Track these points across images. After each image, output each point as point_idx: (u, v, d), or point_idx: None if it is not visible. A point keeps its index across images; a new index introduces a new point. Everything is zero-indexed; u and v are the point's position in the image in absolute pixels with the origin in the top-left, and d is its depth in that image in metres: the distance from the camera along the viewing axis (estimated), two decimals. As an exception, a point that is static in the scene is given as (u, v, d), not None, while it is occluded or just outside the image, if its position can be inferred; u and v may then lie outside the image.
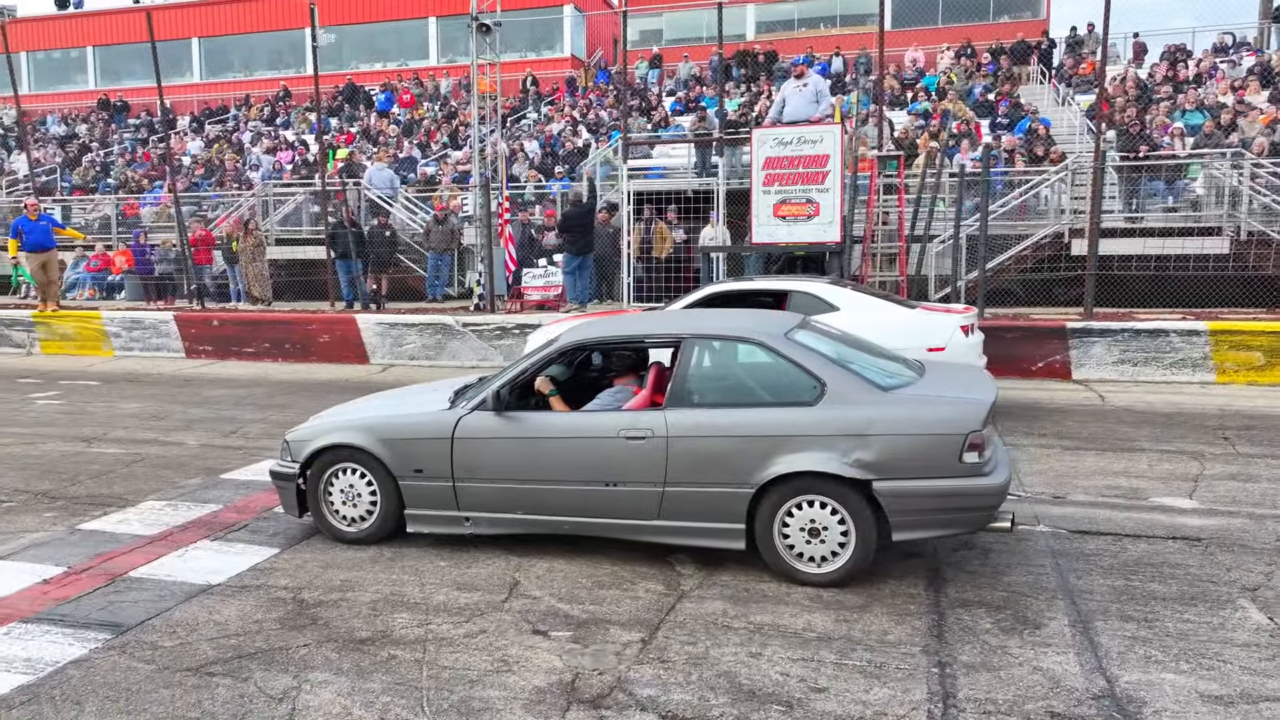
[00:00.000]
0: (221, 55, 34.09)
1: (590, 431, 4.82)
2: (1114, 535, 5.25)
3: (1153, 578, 4.62)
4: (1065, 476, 6.47)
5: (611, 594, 4.55)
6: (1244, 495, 5.96)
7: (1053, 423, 8.18)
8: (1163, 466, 6.68)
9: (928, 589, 4.54)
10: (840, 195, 10.92)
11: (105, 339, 13.95)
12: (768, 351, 4.71)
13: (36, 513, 6.01)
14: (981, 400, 4.46)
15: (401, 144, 22.99)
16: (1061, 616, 4.20)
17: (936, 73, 23.47)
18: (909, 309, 8.32)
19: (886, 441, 4.42)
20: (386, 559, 5.06)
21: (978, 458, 4.36)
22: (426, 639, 4.06)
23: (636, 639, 4.04)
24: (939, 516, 4.44)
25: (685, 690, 3.58)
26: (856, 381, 4.58)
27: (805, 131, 11.07)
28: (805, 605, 4.37)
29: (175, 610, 4.39)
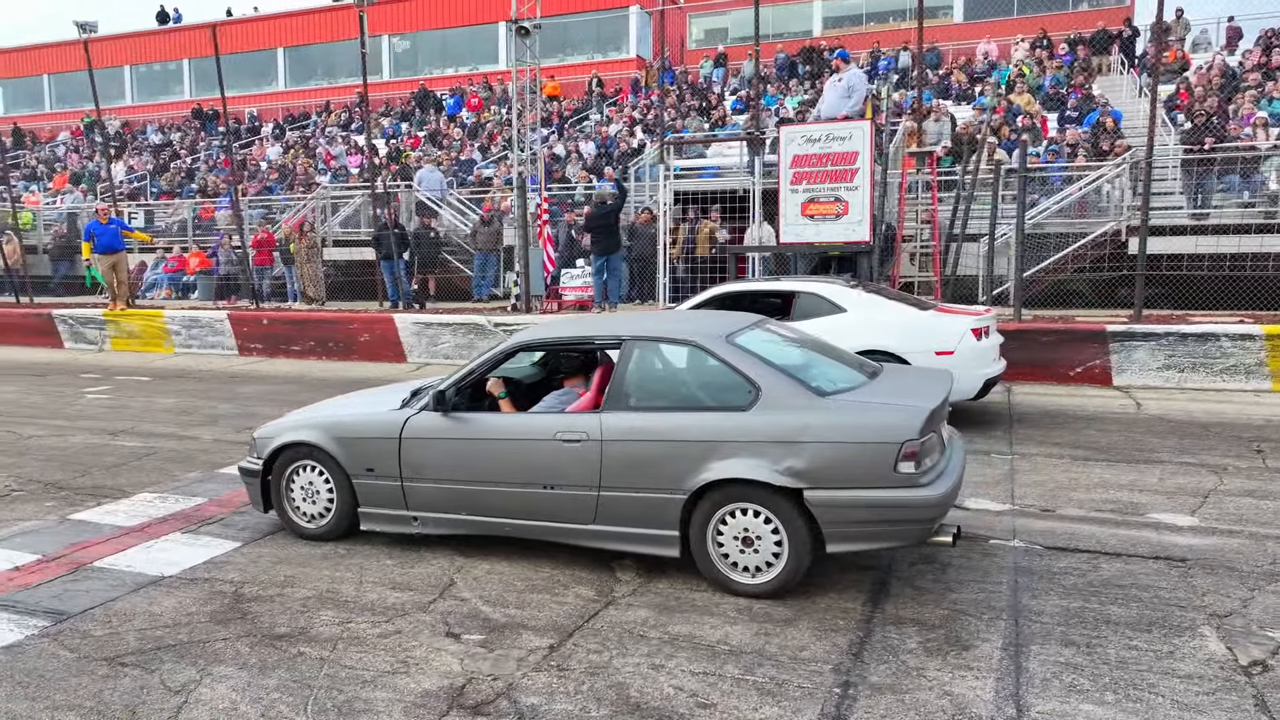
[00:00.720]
0: (305, 64, 35.35)
1: (529, 434, 4.78)
2: (1092, 553, 4.93)
3: (1115, 600, 4.31)
4: (1063, 489, 6.11)
5: (540, 598, 4.50)
6: (1254, 513, 5.51)
7: (1073, 431, 7.75)
8: (1175, 480, 6.24)
9: (866, 604, 4.34)
10: (870, 193, 10.61)
11: (167, 336, 14.62)
12: (706, 354, 4.58)
13: (39, 502, 6.33)
14: (919, 408, 4.23)
15: (466, 146, 23.43)
16: (997, 638, 3.95)
17: (1008, 65, 22.61)
18: (921, 310, 8.00)
19: (818, 449, 4.24)
20: (338, 556, 5.13)
21: (914, 468, 4.14)
22: (340, 637, 4.09)
23: (545, 645, 3.99)
24: (873, 528, 4.24)
25: (570, 700, 3.51)
26: (792, 386, 4.41)
27: (834, 128, 10.80)
28: (731, 616, 4.23)
29: (119, 601, 4.54)
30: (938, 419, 4.41)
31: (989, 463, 6.82)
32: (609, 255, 12.61)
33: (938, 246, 11.36)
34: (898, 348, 7.65)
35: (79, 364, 13.74)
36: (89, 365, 13.58)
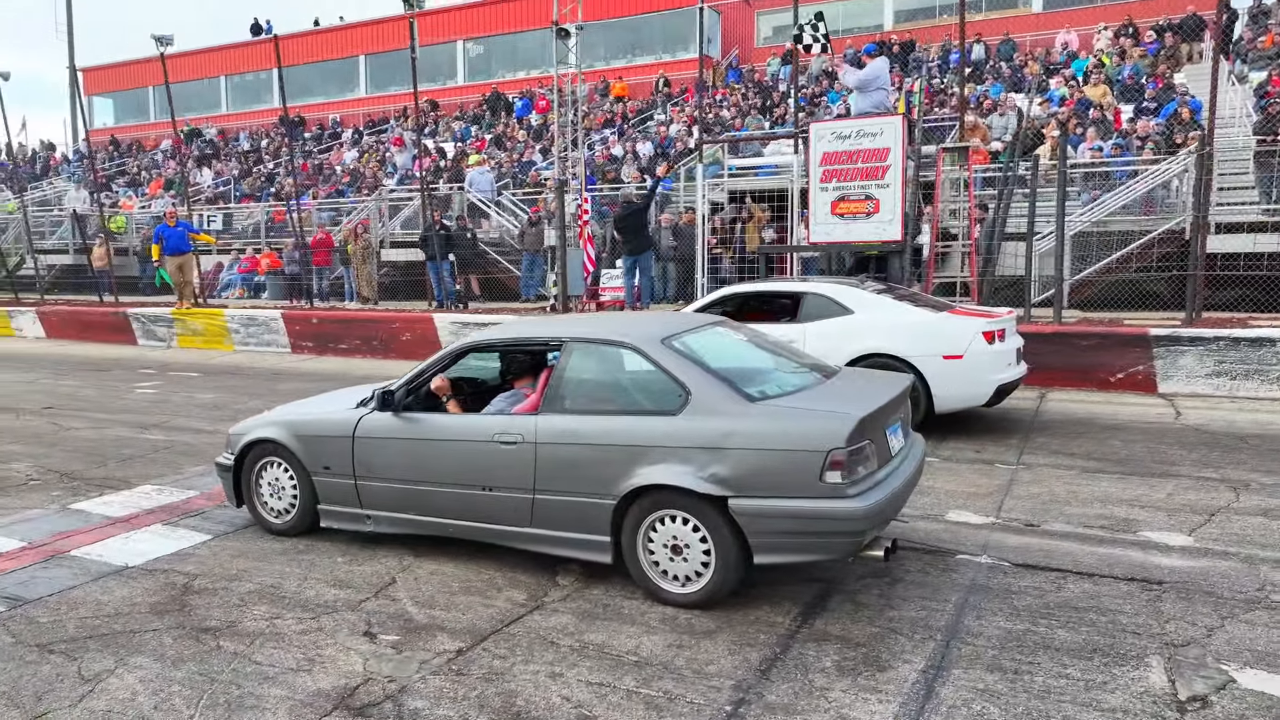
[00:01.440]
0: (385, 69, 36.35)
1: (469, 435, 4.76)
2: (1062, 572, 4.62)
3: (1067, 623, 4.03)
4: (1058, 502, 5.76)
5: (469, 600, 4.48)
6: (1259, 534, 5.08)
7: (1095, 441, 7.31)
8: (1185, 496, 5.81)
9: (797, 618, 4.17)
10: (902, 191, 10.26)
11: (227, 334, 15.24)
12: (641, 357, 4.47)
13: (48, 491, 6.65)
14: (848, 415, 4.02)
15: (529, 148, 23.71)
16: (920, 660, 3.73)
17: (1088, 55, 21.58)
18: (932, 312, 7.67)
19: (744, 456, 4.09)
20: (296, 551, 5.22)
21: (840, 478, 3.95)
22: (263, 633, 4.15)
23: (454, 649, 3.96)
24: (800, 540, 4.06)
25: (453, 706, 3.46)
26: (722, 390, 4.27)
27: (864, 124, 10.48)
28: (652, 626, 4.12)
29: (77, 589, 4.72)
30: (875, 427, 4.19)
31: (989, 472, 6.48)
32: (639, 255, 12.54)
33: (974, 245, 10.87)
34: (903, 351, 7.38)
35: (143, 360, 14.45)
36: (151, 361, 14.27)
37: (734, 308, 8.42)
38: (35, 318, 17.99)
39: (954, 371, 7.29)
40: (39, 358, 15.08)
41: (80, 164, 36.26)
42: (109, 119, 44.28)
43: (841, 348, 7.58)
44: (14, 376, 12.83)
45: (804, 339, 7.72)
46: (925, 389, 7.33)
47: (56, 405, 10.30)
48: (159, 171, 32.64)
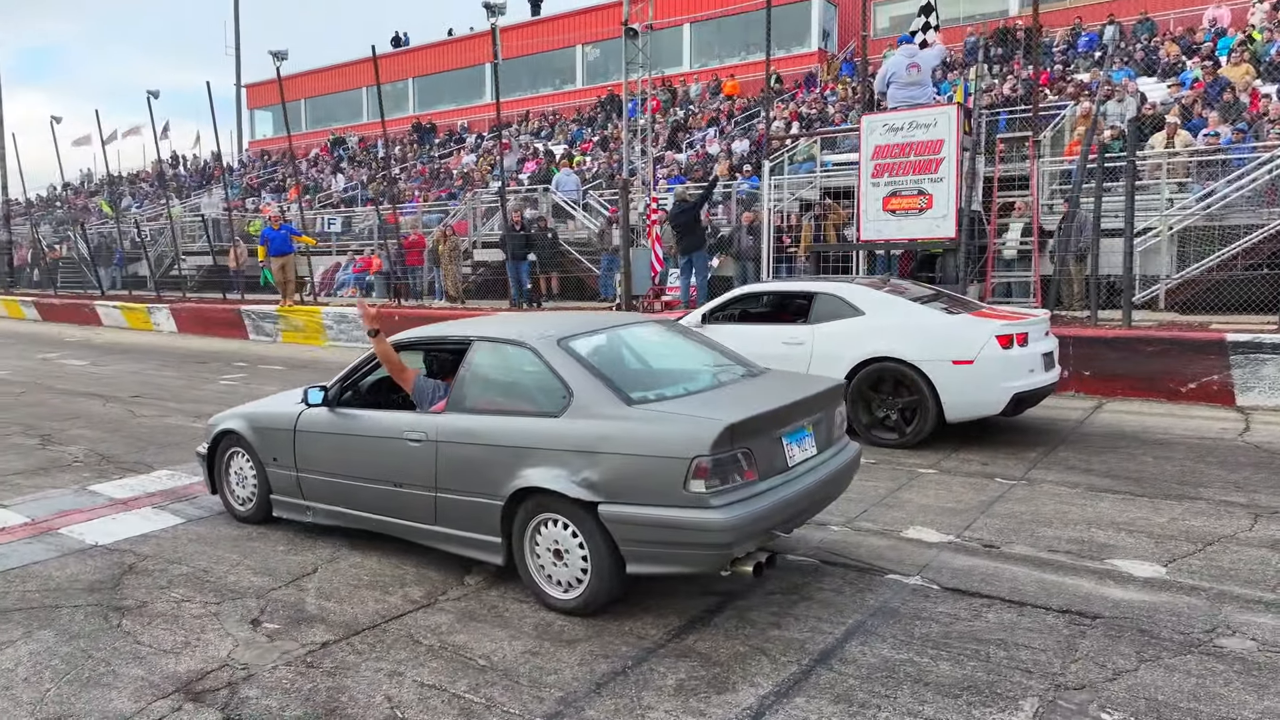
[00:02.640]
0: (510, 76, 37.46)
1: (383, 432, 4.82)
2: (991, 599, 4.21)
3: (958, 656, 3.66)
4: (1036, 523, 5.25)
5: (368, 595, 4.53)
6: (1247, 568, 4.46)
7: (1126, 457, 6.62)
8: (1189, 521, 5.18)
9: (674, 631, 3.98)
10: (956, 185, 9.66)
11: (324, 331, 16.12)
12: (535, 356, 4.40)
13: (81, 473, 7.22)
14: (716, 421, 3.79)
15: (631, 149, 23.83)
16: (768, 685, 3.49)
17: (1238, 32, 19.61)
18: (949, 315, 7.15)
19: (613, 460, 3.95)
20: (247, 538, 5.45)
21: (704, 487, 3.74)
22: (165, 614, 4.34)
23: (320, 641, 4.01)
24: (665, 550, 3.88)
25: (281, 697, 3.51)
26: (602, 393, 4.13)
27: (917, 115, 9.93)
28: (523, 632, 4.04)
29: (39, 564, 5.08)
30: (758, 433, 3.94)
31: (981, 487, 6.00)
32: (693, 254, 12.34)
33: (1036, 242, 10.05)
34: (909, 355, 6.94)
35: (244, 353, 15.48)
36: (251, 355, 15.27)
37: (748, 309, 8.18)
38: (169, 314, 19.63)
39: (964, 378, 6.78)
40: (158, 350, 16.46)
41: (238, 174, 39.36)
42: (268, 130, 47.75)
43: (848, 350, 7.22)
44: (127, 366, 14.04)
45: (812, 340, 7.41)
46: (934, 396, 6.86)
47: (144, 394, 11.20)
48: (300, 178, 34.92)
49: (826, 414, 4.50)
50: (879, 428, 7.20)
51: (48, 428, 9.08)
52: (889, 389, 7.12)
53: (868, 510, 5.60)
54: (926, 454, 6.89)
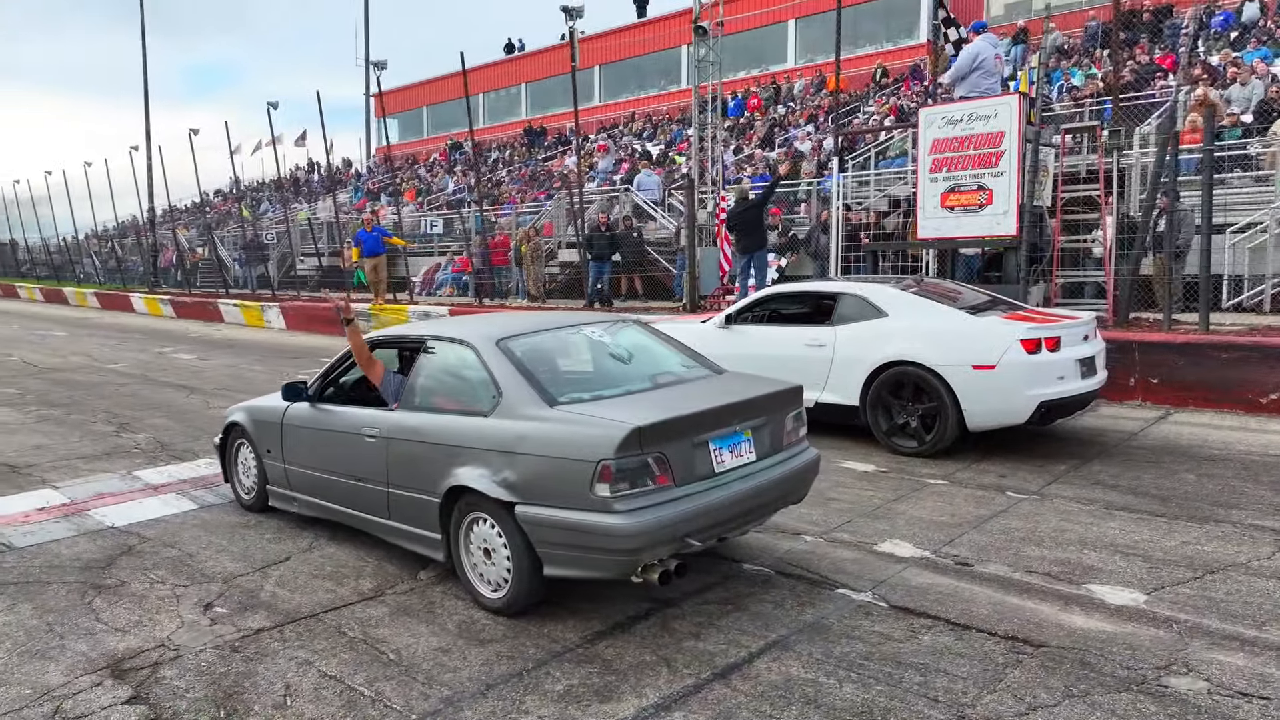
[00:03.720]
0: (618, 78, 37.89)
1: (348, 427, 4.95)
2: (936, 620, 3.96)
3: (867, 680, 3.46)
4: (1027, 541, 4.89)
5: (323, 585, 4.67)
6: (1242, 601, 4.01)
7: (1163, 473, 6.08)
8: (1201, 546, 4.70)
9: (591, 636, 3.93)
10: (1018, 179, 9.11)
11: (409, 329, 16.72)
12: (475, 356, 4.42)
13: (134, 458, 7.75)
14: (622, 425, 3.69)
15: (725, 148, 23.64)
16: (654, 697, 3.39)
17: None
18: (974, 317, 6.74)
19: (530, 461, 3.92)
20: (244, 525, 5.71)
21: (608, 491, 3.67)
22: (134, 594, 4.60)
23: (256, 627, 4.16)
24: (575, 554, 3.82)
25: (193, 679, 3.65)
26: (528, 393, 4.10)
27: (977, 106, 9.42)
28: (445, 629, 4.08)
29: (55, 542, 5.48)
30: (676, 437, 3.83)
31: (985, 501, 5.63)
32: (753, 252, 12.10)
33: (1106, 240, 9.32)
34: (928, 358, 6.59)
35: (334, 349, 16.18)
36: (340, 350, 15.97)
37: (775, 310, 7.96)
38: (279, 312, 20.82)
39: (985, 384, 6.38)
40: (261, 345, 17.48)
41: (365, 179, 41.36)
42: (394, 137, 49.94)
43: (869, 353, 6.92)
44: (226, 360, 14.98)
45: (834, 343, 7.15)
46: (954, 403, 6.49)
47: (227, 386, 11.91)
48: (417, 182, 36.36)
49: (773, 419, 4.33)
50: (899, 434, 6.87)
51: (128, 416, 9.79)
52: (909, 394, 6.79)
53: (852, 521, 5.36)
54: (944, 464, 6.53)
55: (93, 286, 33.79)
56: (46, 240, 40.85)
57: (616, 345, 4.75)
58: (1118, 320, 9.18)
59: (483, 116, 43.75)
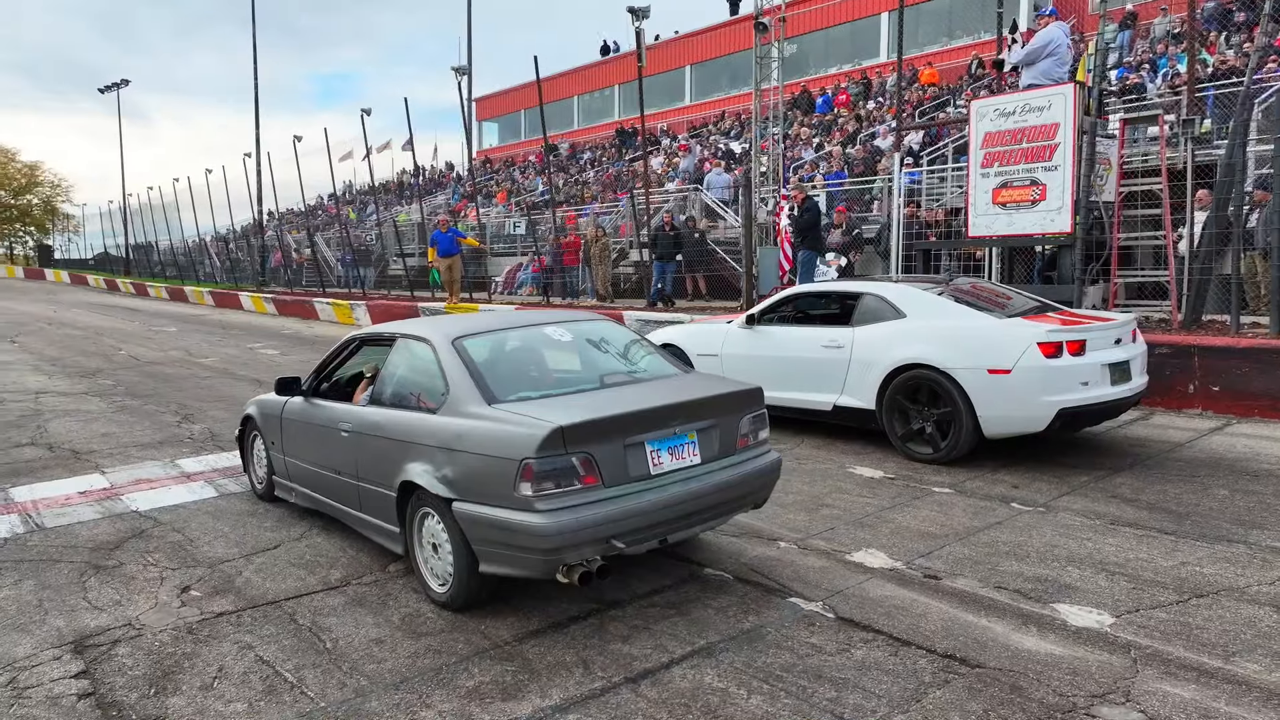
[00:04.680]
0: (709, 77, 37.73)
1: (329, 422, 5.10)
2: (877, 634, 3.80)
3: (777, 692, 3.35)
4: (1007, 555, 4.63)
5: (297, 572, 4.83)
6: (1218, 629, 3.69)
7: (1193, 489, 5.64)
8: (1196, 568, 4.35)
9: (524, 635, 3.94)
10: (1073, 173, 8.63)
11: (481, 327, 17.09)
12: (433, 353, 4.49)
13: (183, 446, 8.20)
14: (546, 423, 3.68)
15: (807, 145, 23.26)
16: (557, 697, 3.37)
17: None
18: (993, 319, 6.41)
19: (465, 459, 3.96)
20: (252, 514, 5.96)
21: (530, 490, 3.67)
22: (126, 575, 4.86)
23: (219, 611, 4.33)
24: (504, 552, 3.83)
25: (141, 659, 3.84)
26: (472, 391, 4.14)
27: (1030, 97, 8.97)
28: (390, 620, 4.16)
29: (80, 525, 5.84)
30: (606, 437, 3.79)
31: (984, 512, 5.35)
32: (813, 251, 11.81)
33: (1169, 238, 8.67)
34: (943, 361, 6.33)
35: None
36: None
37: (798, 310, 7.78)
38: (366, 310, 21.64)
39: (1000, 388, 6.06)
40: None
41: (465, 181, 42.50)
42: (494, 140, 51.20)
43: (885, 355, 6.69)
44: (305, 356, 15.65)
45: (851, 344, 6.94)
46: (968, 408, 6.19)
47: (295, 381, 12.45)
48: (510, 184, 37.14)
49: (723, 421, 4.23)
50: (915, 440, 6.60)
51: (194, 408, 10.37)
52: (925, 399, 6.52)
53: (835, 528, 5.18)
54: (958, 471, 6.24)
55: (210, 286, 35.90)
56: (174, 243, 43.63)
57: (578, 344, 4.74)
58: (1184, 323, 8.57)
59: (577, 118, 44.40)
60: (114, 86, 49.49)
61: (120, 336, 20.41)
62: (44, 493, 6.64)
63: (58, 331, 21.69)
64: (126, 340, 19.44)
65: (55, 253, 66.68)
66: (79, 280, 50.08)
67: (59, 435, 8.84)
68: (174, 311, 31.06)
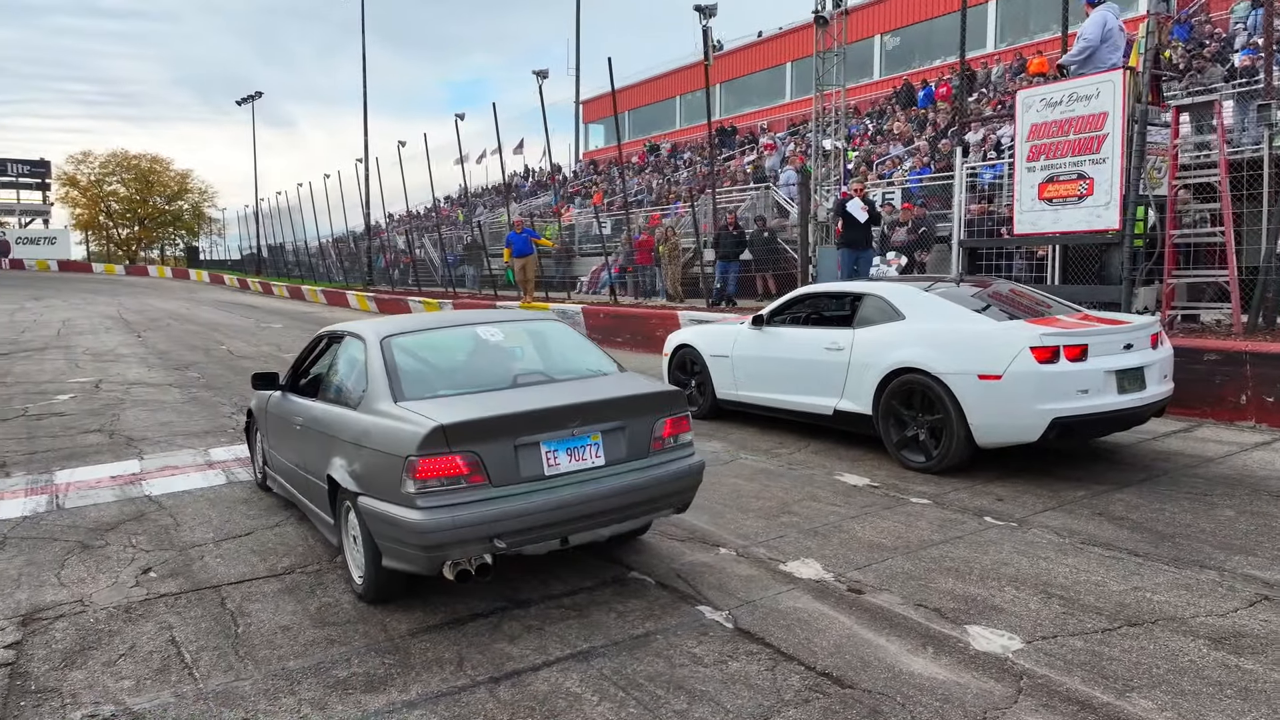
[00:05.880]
0: (807, 74, 36.97)
1: (289, 416, 5.30)
2: (766, 647, 3.67)
3: (628, 701, 3.29)
4: (947, 572, 4.37)
5: (250, 559, 5.02)
6: (1133, 660, 3.39)
7: (1197, 509, 5.18)
8: (1148, 594, 3.99)
9: (422, 627, 3.99)
10: (1121, 165, 8.06)
11: (551, 326, 17.36)
12: (364, 350, 4.59)
13: (219, 437, 8.66)
14: (430, 422, 3.71)
15: (902, 139, 22.52)
16: (414, 692, 3.40)
17: None
18: (990, 321, 6.04)
19: (367, 455, 4.05)
20: (243, 501, 6.26)
21: (413, 487, 3.71)
22: (104, 555, 5.18)
23: (162, 593, 4.56)
24: (395, 547, 3.89)
25: (73, 633, 4.08)
26: (384, 388, 4.22)
27: (1077, 85, 8.42)
28: (308, 609, 4.29)
29: (95, 507, 6.25)
30: (492, 436, 3.79)
31: (949, 525, 5.07)
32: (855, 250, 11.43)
33: (1230, 233, 7.91)
34: (934, 365, 6.03)
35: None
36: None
37: (808, 310, 7.56)
38: (451, 307, 22.32)
39: (991, 395, 5.72)
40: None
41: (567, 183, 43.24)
42: (600, 141, 51.83)
43: (881, 358, 6.43)
44: (381, 353, 16.29)
45: (851, 347, 6.70)
46: (959, 415, 5.87)
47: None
48: (609, 185, 37.50)
49: (634, 423, 4.16)
50: (909, 448, 6.30)
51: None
52: (918, 404, 6.22)
53: (785, 535, 5.01)
54: (946, 481, 5.92)
55: (325, 285, 37.81)
56: (298, 244, 46.18)
57: (506, 345, 4.76)
58: (1248, 327, 7.84)
59: (679, 118, 44.43)
60: (250, 99, 52.77)
61: (229, 332, 21.76)
62: (81, 476, 7.16)
63: (180, 327, 23.29)
64: (232, 336, 20.70)
65: (201, 254, 71.75)
66: (216, 280, 53.62)
67: (126, 423, 9.50)
68: (288, 309, 32.85)
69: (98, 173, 73.60)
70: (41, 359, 16.07)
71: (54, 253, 65.46)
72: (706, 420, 8.32)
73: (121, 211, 75.70)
